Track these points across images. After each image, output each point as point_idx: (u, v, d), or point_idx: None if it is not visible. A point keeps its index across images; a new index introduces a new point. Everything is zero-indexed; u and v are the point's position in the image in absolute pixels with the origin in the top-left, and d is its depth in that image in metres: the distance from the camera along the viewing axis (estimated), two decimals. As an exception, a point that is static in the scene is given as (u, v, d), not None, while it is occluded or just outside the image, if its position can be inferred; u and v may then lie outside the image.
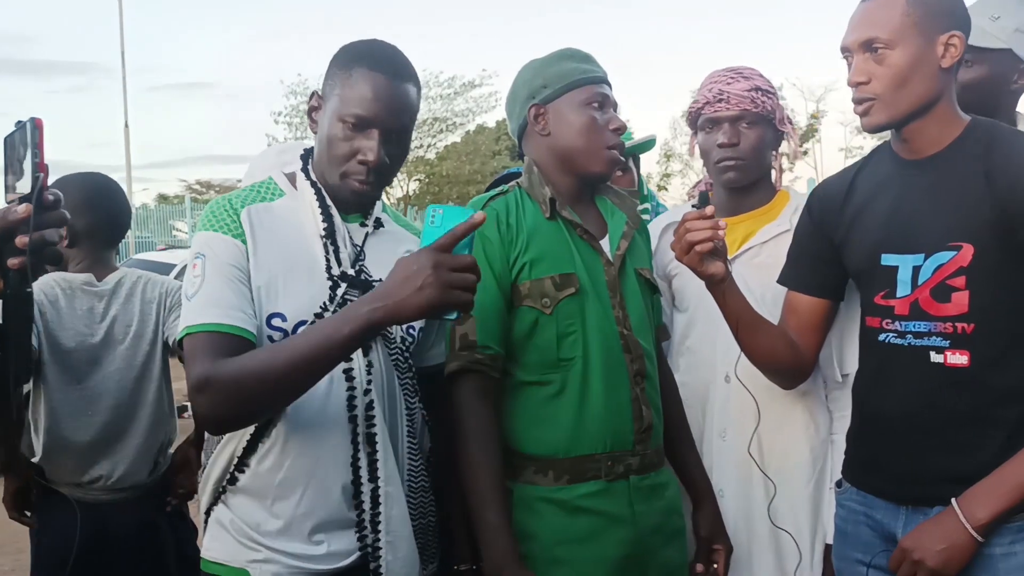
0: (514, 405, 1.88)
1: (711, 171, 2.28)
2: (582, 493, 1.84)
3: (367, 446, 1.70)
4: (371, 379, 1.71)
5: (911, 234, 1.73)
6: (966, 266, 1.66)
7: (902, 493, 1.77)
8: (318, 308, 1.68)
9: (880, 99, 1.71)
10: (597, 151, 1.93)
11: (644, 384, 1.91)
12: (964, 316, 1.66)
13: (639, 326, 1.94)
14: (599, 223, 2.00)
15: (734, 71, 2.25)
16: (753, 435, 2.19)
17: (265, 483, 1.68)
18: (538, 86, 1.97)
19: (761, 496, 2.19)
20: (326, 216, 1.74)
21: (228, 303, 1.62)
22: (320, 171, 1.77)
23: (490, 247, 1.87)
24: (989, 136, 1.71)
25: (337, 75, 1.74)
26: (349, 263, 1.74)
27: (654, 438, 1.93)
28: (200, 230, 1.71)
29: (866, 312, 1.83)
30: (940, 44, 1.69)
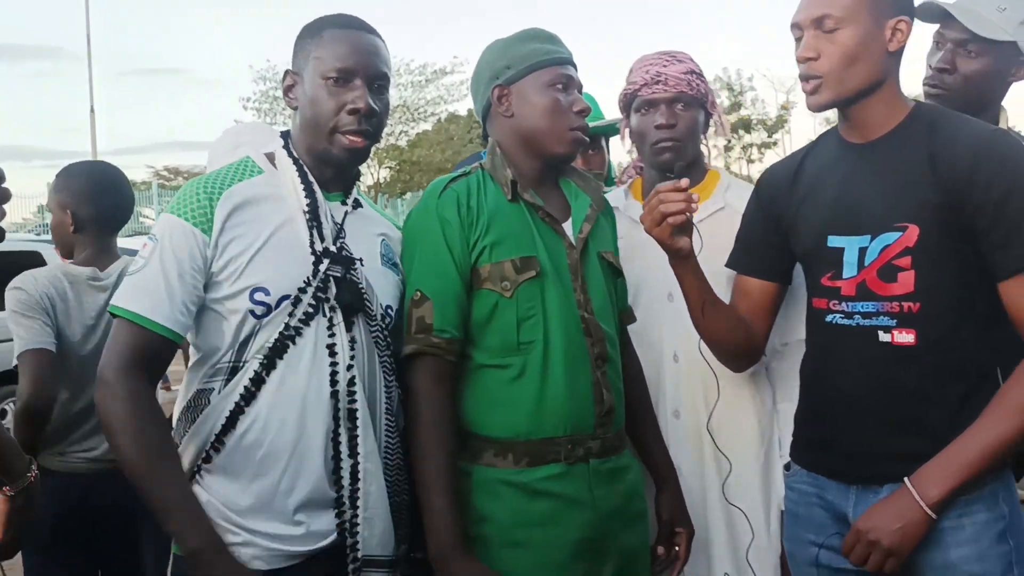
0: (474, 388, 1.88)
1: (646, 153, 2.31)
2: (541, 476, 1.84)
3: (348, 422, 1.71)
4: (354, 355, 1.73)
5: (857, 216, 1.76)
6: (912, 246, 1.69)
7: (852, 472, 1.79)
8: (301, 283, 1.71)
9: (827, 78, 1.74)
10: (561, 133, 1.92)
11: (605, 368, 1.91)
12: (910, 295, 1.70)
13: (601, 310, 1.94)
14: (562, 206, 2.00)
15: (668, 55, 2.29)
16: (707, 413, 2.23)
17: (244, 461, 1.67)
18: (502, 66, 1.96)
19: (715, 474, 2.24)
20: (308, 193, 1.76)
21: (161, 296, 1.64)
22: (306, 144, 1.80)
23: (449, 229, 1.86)
24: (932, 120, 1.75)
25: (308, 44, 1.79)
26: (331, 239, 1.76)
27: (615, 422, 1.93)
28: (168, 210, 1.72)
29: (813, 294, 1.86)
30: (888, 28, 1.73)
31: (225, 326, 1.70)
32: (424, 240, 1.87)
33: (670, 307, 2.25)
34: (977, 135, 1.69)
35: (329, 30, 1.78)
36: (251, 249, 1.69)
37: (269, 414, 1.67)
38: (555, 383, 1.85)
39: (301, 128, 1.81)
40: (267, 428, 1.67)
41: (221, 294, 1.69)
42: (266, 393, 1.67)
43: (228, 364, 1.70)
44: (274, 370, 1.68)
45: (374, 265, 1.84)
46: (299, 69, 1.80)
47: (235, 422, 1.67)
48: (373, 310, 1.78)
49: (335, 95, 1.74)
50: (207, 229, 1.68)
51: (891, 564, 1.66)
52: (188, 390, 1.75)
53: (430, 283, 1.84)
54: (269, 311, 1.68)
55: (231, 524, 1.66)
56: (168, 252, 1.67)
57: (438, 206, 1.88)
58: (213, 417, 1.68)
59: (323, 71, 1.74)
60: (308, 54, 1.78)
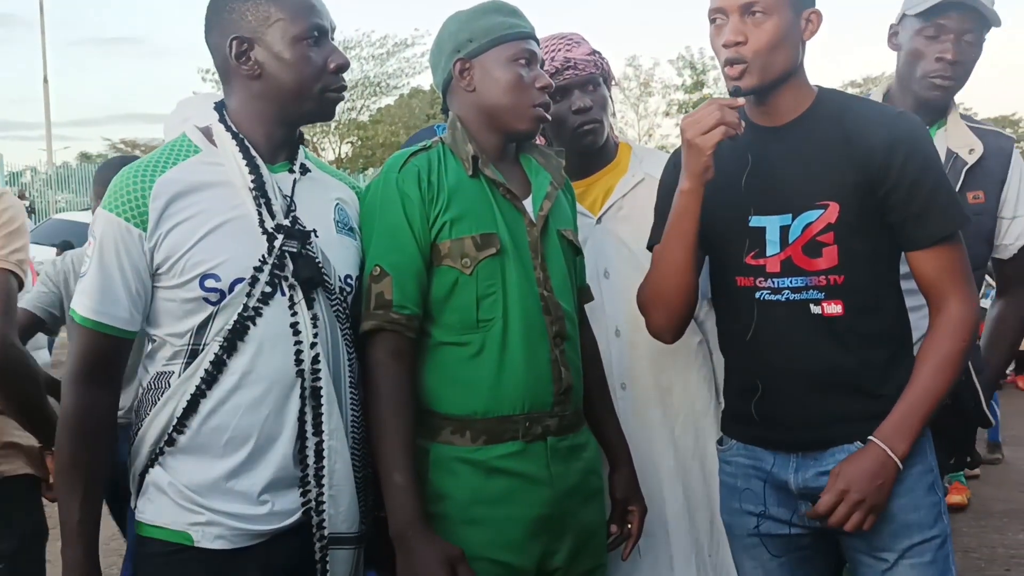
0: (432, 365, 1.87)
1: (566, 139, 2.28)
2: (499, 454, 1.84)
3: (312, 400, 1.70)
4: (316, 332, 1.71)
5: (777, 196, 1.83)
6: (833, 223, 1.79)
7: (792, 440, 1.86)
8: (256, 262, 1.67)
9: (752, 63, 1.79)
10: (523, 109, 1.91)
11: (564, 346, 1.91)
12: (835, 268, 1.79)
13: (560, 287, 1.94)
14: (523, 182, 1.98)
15: (567, 38, 2.30)
16: (653, 384, 2.27)
17: (208, 443, 1.67)
18: (464, 39, 1.93)
19: (665, 444, 2.28)
20: (252, 168, 1.70)
21: (107, 297, 1.64)
22: (270, 112, 1.74)
23: (410, 204, 1.84)
24: (839, 103, 1.86)
25: (260, 7, 1.70)
26: (282, 214, 1.71)
27: (573, 399, 1.94)
28: (102, 206, 1.68)
29: (735, 272, 1.89)
30: (804, 18, 1.83)
31: (179, 314, 1.68)
32: (384, 214, 1.85)
33: (607, 283, 2.28)
34: (887, 116, 1.83)
35: None
36: (194, 237, 1.65)
37: (233, 397, 1.66)
38: (513, 361, 1.85)
39: (264, 96, 1.73)
40: (232, 411, 1.66)
41: (169, 284, 1.67)
42: (229, 376, 1.66)
43: (187, 347, 1.68)
44: (235, 352, 1.66)
45: (329, 235, 1.80)
46: (253, 33, 1.70)
47: (196, 405, 1.66)
48: (332, 283, 1.76)
49: (316, 55, 1.71)
50: (142, 223, 1.64)
51: (870, 521, 1.74)
52: (147, 372, 1.73)
53: (389, 258, 1.82)
54: (223, 296, 1.65)
55: (194, 504, 1.66)
56: (107, 251, 1.65)
57: (398, 180, 1.86)
58: (174, 400, 1.67)
59: (297, 32, 1.69)
60: (267, 16, 1.69)
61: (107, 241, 1.65)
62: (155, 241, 1.64)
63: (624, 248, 2.05)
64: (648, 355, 2.23)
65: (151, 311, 1.70)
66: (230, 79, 1.76)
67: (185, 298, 1.66)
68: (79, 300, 1.66)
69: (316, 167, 1.88)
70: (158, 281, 1.67)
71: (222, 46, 1.72)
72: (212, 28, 1.75)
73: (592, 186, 2.35)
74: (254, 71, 1.72)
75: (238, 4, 1.71)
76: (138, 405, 1.74)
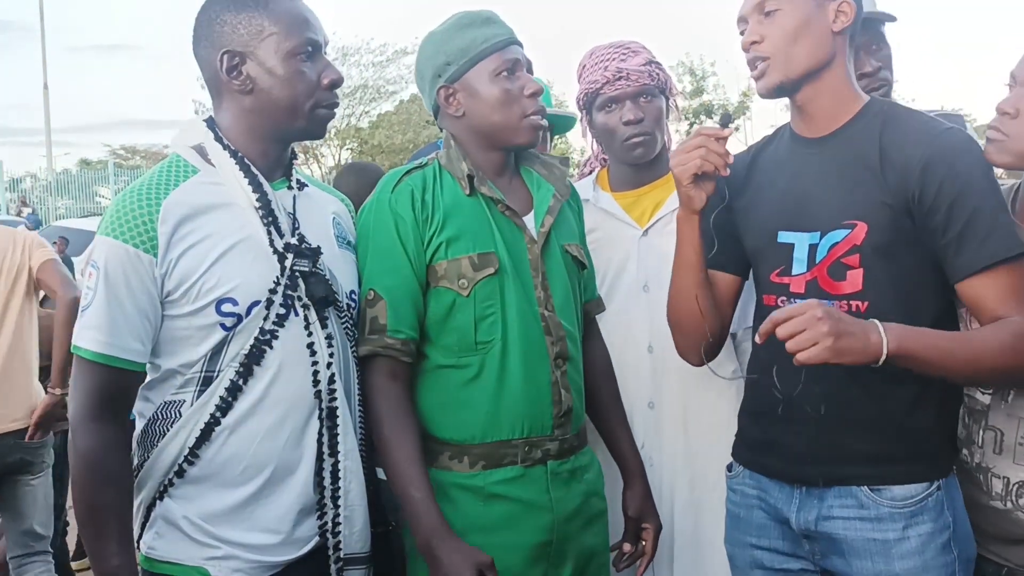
0: (430, 388, 1.84)
1: (616, 150, 2.28)
2: (497, 479, 1.81)
3: (328, 421, 1.67)
4: (332, 351, 1.68)
5: (807, 212, 1.74)
6: (859, 244, 1.67)
7: (796, 474, 1.77)
8: (271, 284, 1.63)
9: (773, 58, 1.72)
10: (516, 123, 1.86)
11: (565, 367, 1.87)
12: (859, 294, 1.69)
13: (562, 306, 1.89)
14: (524, 197, 1.94)
15: (623, 48, 2.26)
16: (681, 404, 2.21)
17: (223, 471, 1.62)
18: (442, 64, 1.88)
19: (685, 470, 2.22)
20: (256, 187, 1.65)
21: (114, 329, 1.56)
22: (262, 127, 1.68)
23: (403, 226, 1.80)
24: (885, 116, 1.73)
25: (253, 19, 1.64)
26: (290, 232, 1.68)
27: (574, 422, 1.89)
28: (102, 233, 1.59)
29: (762, 290, 1.83)
30: (831, 9, 1.72)
31: (192, 342, 1.61)
32: (377, 236, 1.82)
33: (645, 298, 2.23)
34: (929, 133, 1.67)
35: (275, 1, 1.65)
36: (206, 261, 1.59)
37: (249, 424, 1.61)
38: (512, 384, 1.81)
39: (255, 112, 1.67)
40: (249, 438, 1.61)
41: (183, 311, 1.60)
42: (244, 402, 1.61)
43: (199, 374, 1.62)
44: (251, 377, 1.61)
45: (333, 251, 1.77)
46: (245, 47, 1.64)
47: (210, 434, 1.60)
48: (341, 300, 1.73)
49: (309, 70, 1.66)
50: (151, 249, 1.56)
51: (814, 352, 1.49)
52: (152, 402, 1.66)
53: (383, 281, 1.79)
54: (240, 320, 1.60)
55: (210, 537, 1.61)
56: (114, 280, 1.56)
57: (391, 200, 1.83)
58: (187, 430, 1.60)
59: (291, 47, 1.63)
60: (260, 29, 1.63)
61: (114, 269, 1.56)
62: (167, 267, 1.57)
63: (667, 264, 1.99)
64: (678, 376, 2.17)
65: (161, 341, 1.63)
66: (221, 94, 1.70)
67: (199, 325, 1.60)
68: (84, 334, 1.57)
69: (308, 182, 1.84)
70: (169, 308, 1.60)
71: (212, 60, 1.66)
72: (201, 40, 1.69)
73: (642, 198, 2.31)
74: (245, 86, 1.66)
75: (229, 16, 1.65)
76: (141, 436, 1.67)
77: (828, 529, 1.71)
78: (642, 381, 2.22)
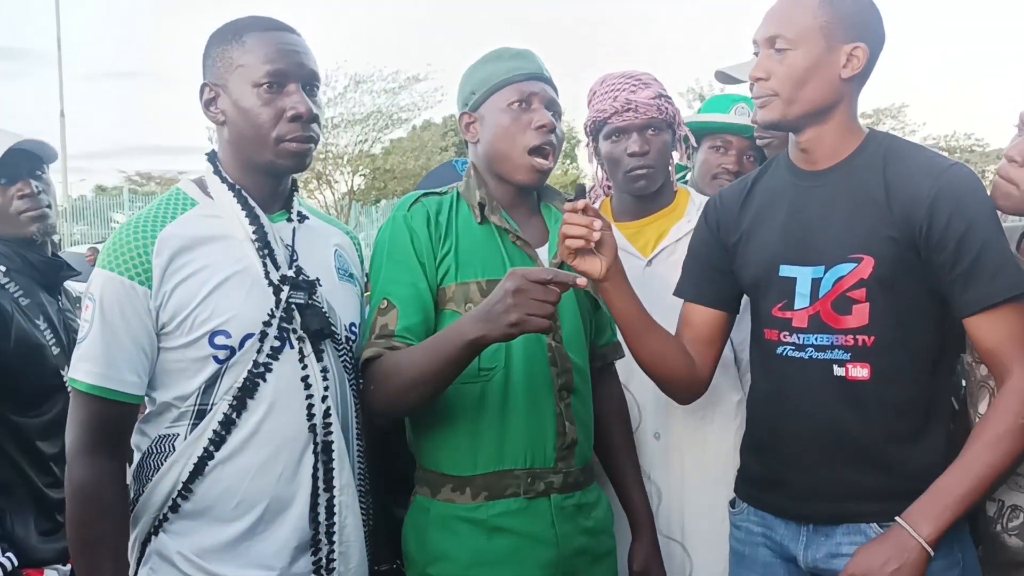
0: (432, 419, 1.83)
1: (619, 180, 2.30)
2: (500, 511, 1.79)
3: (323, 455, 1.65)
4: (327, 385, 1.67)
5: (810, 246, 1.73)
6: (866, 278, 1.67)
7: (803, 511, 1.74)
8: (265, 316, 1.62)
9: (779, 97, 1.71)
10: (516, 156, 1.85)
11: (570, 399, 1.85)
12: (865, 328, 1.67)
13: (571, 338, 1.88)
14: (540, 230, 1.95)
15: (634, 79, 2.27)
16: (687, 435, 2.20)
17: (217, 506, 1.61)
18: (467, 93, 1.93)
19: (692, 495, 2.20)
20: (252, 219, 1.66)
21: (109, 361, 1.56)
22: (241, 159, 1.68)
23: (417, 240, 1.83)
24: (887, 150, 1.72)
25: (226, 52, 1.66)
26: (286, 264, 1.68)
27: (579, 455, 1.87)
28: (99, 265, 1.61)
29: (763, 324, 1.81)
30: (843, 53, 1.69)
31: (186, 375, 1.61)
32: (393, 249, 1.84)
33: None
34: (936, 168, 1.66)
35: (251, 34, 1.65)
36: (201, 293, 1.59)
37: (242, 458, 1.60)
38: (515, 412, 1.81)
39: (232, 143, 1.68)
40: (242, 473, 1.60)
41: (177, 344, 1.60)
42: (238, 436, 1.60)
43: (193, 408, 1.62)
44: (245, 411, 1.61)
45: (332, 283, 1.76)
46: (219, 80, 1.65)
47: (203, 468, 1.60)
48: (339, 333, 1.72)
49: (270, 103, 1.63)
50: (146, 281, 1.57)
51: None
52: (148, 435, 1.66)
53: (397, 291, 1.80)
54: (233, 353, 1.59)
55: (205, 573, 1.61)
56: (109, 312, 1.57)
57: (407, 217, 1.85)
58: (180, 464, 1.60)
59: (254, 78, 1.62)
60: (230, 62, 1.64)
61: (109, 301, 1.57)
62: (161, 299, 1.58)
63: (671, 294, 2.01)
64: (683, 406, 2.14)
65: (155, 374, 1.63)
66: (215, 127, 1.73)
67: (193, 357, 1.60)
68: (80, 367, 1.58)
69: (311, 214, 1.84)
70: (163, 341, 1.61)
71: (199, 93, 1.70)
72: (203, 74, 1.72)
73: (645, 227, 2.32)
74: (219, 118, 1.68)
75: (212, 51, 1.68)
76: (136, 470, 1.66)
77: (838, 567, 1.67)
78: (648, 412, 2.21)
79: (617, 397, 2.08)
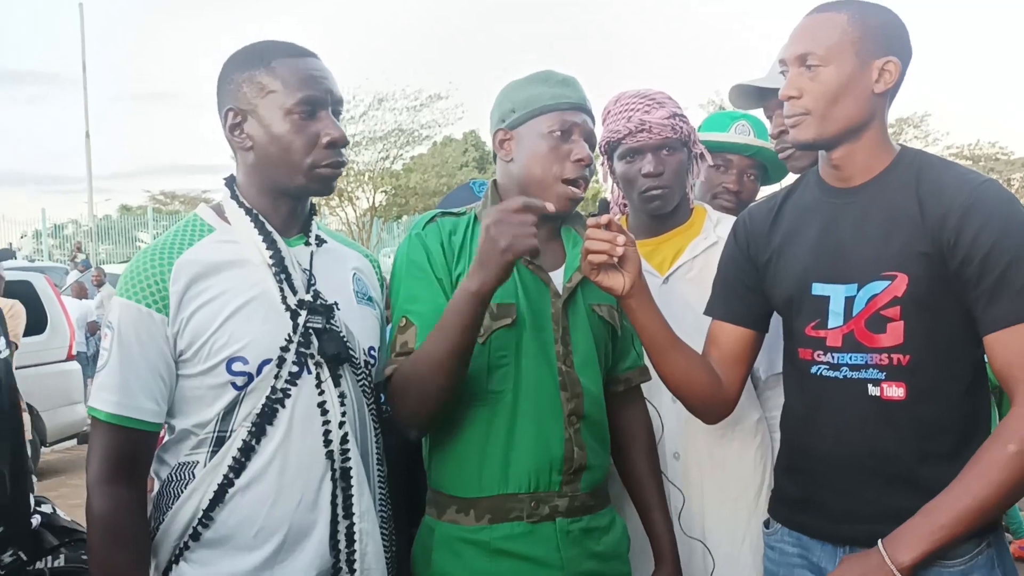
0: (440, 440, 1.83)
1: (634, 199, 2.28)
2: (503, 534, 1.77)
3: (342, 482, 1.64)
4: (344, 410, 1.65)
5: (843, 263, 1.70)
6: (900, 296, 1.63)
7: (840, 533, 1.71)
8: (283, 341, 1.61)
9: (812, 115, 1.68)
10: (551, 184, 1.83)
11: (579, 424, 1.82)
12: (900, 347, 1.64)
13: (583, 364, 1.86)
14: (558, 253, 1.93)
15: (648, 98, 2.24)
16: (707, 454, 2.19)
17: (237, 534, 1.59)
18: (507, 109, 1.90)
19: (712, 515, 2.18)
20: (270, 243, 1.65)
21: (128, 390, 1.56)
22: (267, 184, 1.68)
23: (434, 259, 1.83)
24: (920, 166, 1.70)
25: (254, 78, 1.64)
26: (304, 289, 1.66)
27: (588, 480, 1.84)
28: (117, 293, 1.61)
29: (796, 343, 1.78)
30: (875, 68, 1.67)
31: (205, 401, 1.60)
32: (410, 268, 1.84)
33: None
34: (968, 183, 1.63)
35: (280, 60, 1.64)
36: (217, 320, 1.58)
37: (262, 484, 1.59)
38: (522, 436, 1.78)
39: (258, 168, 1.67)
40: (262, 500, 1.59)
41: (195, 371, 1.60)
42: (257, 463, 1.59)
43: (212, 435, 1.61)
44: (264, 437, 1.59)
45: (351, 306, 1.75)
46: (247, 105, 1.64)
47: (224, 495, 1.58)
48: (357, 357, 1.70)
49: (303, 130, 1.63)
50: (163, 308, 1.57)
51: None
52: (168, 463, 1.65)
53: (415, 308, 1.80)
54: (251, 379, 1.58)
55: None
56: (127, 340, 1.57)
57: (421, 236, 1.86)
58: (200, 491, 1.59)
59: (287, 105, 1.61)
60: (260, 88, 1.63)
61: (126, 329, 1.56)
62: (178, 326, 1.58)
63: (689, 311, 1.98)
64: (704, 426, 2.11)
65: (174, 401, 1.63)
66: (234, 151, 1.71)
67: (211, 384, 1.59)
68: (99, 396, 1.57)
69: (330, 237, 1.83)
70: (182, 368, 1.60)
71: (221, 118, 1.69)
72: (218, 99, 1.70)
73: (662, 245, 2.30)
74: (245, 143, 1.66)
75: (236, 75, 1.66)
76: (157, 499, 1.66)
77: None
78: (668, 431, 2.19)
79: (642, 421, 2.05)
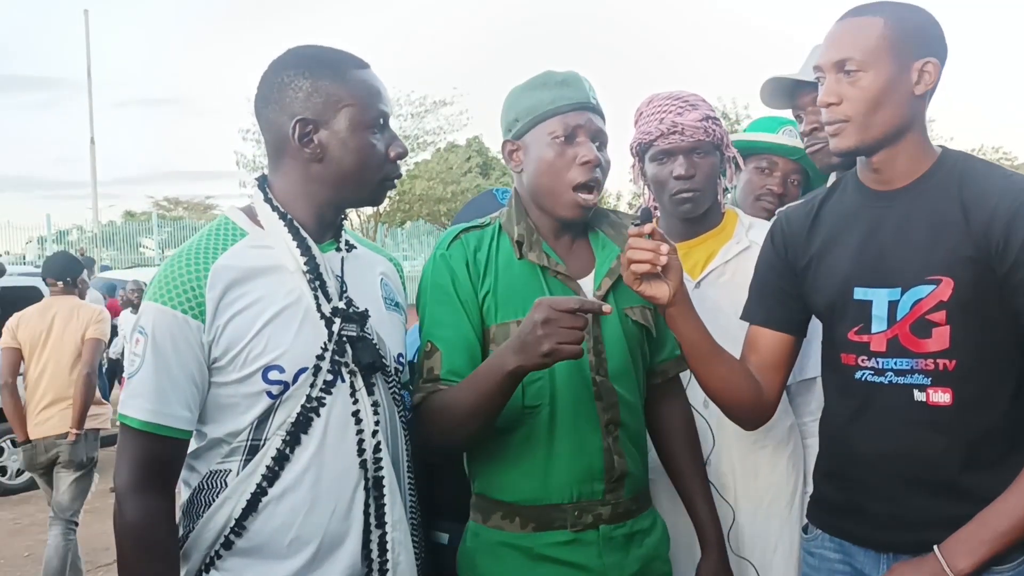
0: (482, 449, 1.83)
1: (665, 202, 2.26)
2: (547, 542, 1.77)
3: (375, 490, 1.62)
4: (378, 419, 1.64)
5: (886, 267, 1.67)
6: (946, 300, 1.61)
7: (884, 539, 1.70)
8: (318, 350, 1.59)
9: (852, 122, 1.65)
10: (561, 192, 1.81)
11: (618, 433, 1.81)
12: (946, 352, 1.62)
13: (618, 372, 1.83)
14: (586, 258, 1.89)
15: (681, 100, 2.22)
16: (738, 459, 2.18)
17: (270, 543, 1.58)
18: (511, 120, 1.88)
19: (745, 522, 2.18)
20: (304, 250, 1.63)
21: (161, 397, 1.53)
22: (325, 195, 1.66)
23: (458, 282, 1.81)
24: (963, 169, 1.67)
25: (323, 88, 1.61)
26: (337, 296, 1.65)
27: (629, 486, 1.83)
28: (149, 298, 1.56)
29: (838, 349, 1.75)
30: (915, 70, 1.64)
31: (239, 410, 1.58)
32: (435, 291, 1.82)
33: None
34: (1015, 186, 1.60)
35: (352, 72, 1.63)
36: (254, 327, 1.55)
37: (296, 494, 1.57)
38: (561, 449, 1.77)
39: (321, 179, 1.64)
40: (296, 509, 1.57)
41: (229, 379, 1.56)
42: (292, 472, 1.57)
43: (246, 443, 1.58)
44: (298, 446, 1.57)
45: (380, 313, 1.74)
46: (319, 115, 1.61)
47: (257, 504, 1.56)
48: (388, 365, 1.69)
49: (379, 143, 1.64)
50: (199, 315, 1.53)
51: None
52: (198, 471, 1.63)
53: (440, 333, 1.79)
54: (286, 388, 1.56)
55: None
56: (162, 346, 1.53)
57: (446, 256, 1.84)
58: (233, 500, 1.57)
59: (366, 119, 1.62)
60: (334, 99, 1.61)
61: (161, 335, 1.52)
62: (214, 333, 1.54)
63: (721, 315, 1.97)
64: (735, 430, 2.07)
65: (206, 409, 1.60)
66: (282, 157, 1.66)
67: (245, 392, 1.56)
68: (131, 403, 1.54)
69: (358, 242, 1.81)
70: (215, 375, 1.57)
71: (282, 124, 1.63)
72: (269, 103, 1.65)
73: (694, 249, 2.27)
74: (316, 154, 1.63)
75: (305, 83, 1.62)
76: (186, 506, 1.63)
77: None
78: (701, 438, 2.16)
79: (682, 413, 2.01)
